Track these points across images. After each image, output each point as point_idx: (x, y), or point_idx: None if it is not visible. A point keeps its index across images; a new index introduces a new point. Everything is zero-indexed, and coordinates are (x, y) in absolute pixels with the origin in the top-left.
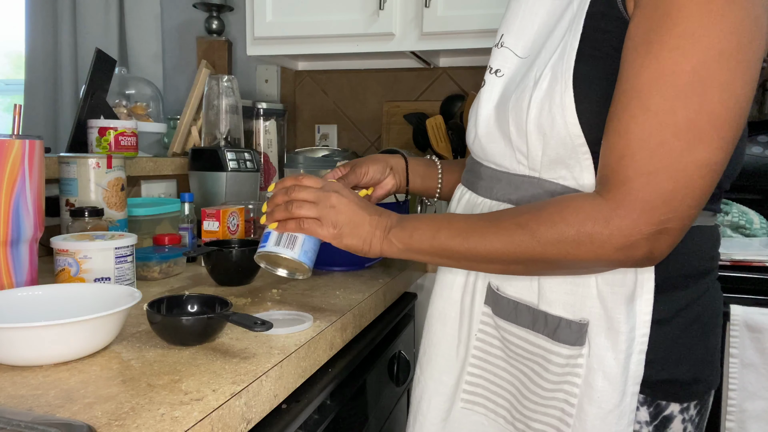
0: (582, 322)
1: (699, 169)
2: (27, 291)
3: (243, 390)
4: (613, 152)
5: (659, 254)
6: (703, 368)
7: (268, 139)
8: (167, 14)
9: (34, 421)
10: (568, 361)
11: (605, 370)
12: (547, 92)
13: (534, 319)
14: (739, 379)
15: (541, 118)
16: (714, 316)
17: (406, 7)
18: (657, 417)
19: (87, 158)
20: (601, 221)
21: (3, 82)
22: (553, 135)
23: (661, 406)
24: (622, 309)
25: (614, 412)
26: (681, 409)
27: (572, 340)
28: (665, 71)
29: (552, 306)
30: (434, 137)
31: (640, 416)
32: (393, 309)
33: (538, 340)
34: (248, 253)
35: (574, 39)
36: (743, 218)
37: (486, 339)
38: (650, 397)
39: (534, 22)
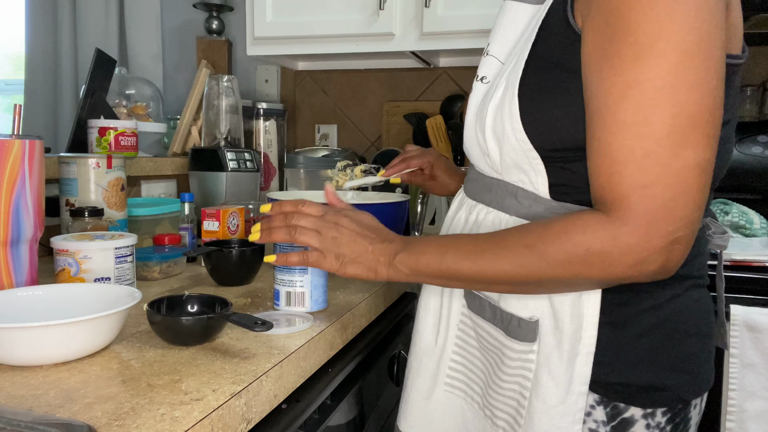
0: (531, 320)
1: (692, 171)
2: (27, 291)
3: (243, 390)
4: (601, 173)
5: (674, 264)
6: (670, 375)
7: (268, 139)
8: (167, 14)
9: (34, 421)
10: (520, 355)
11: (550, 367)
12: (501, 100)
13: (494, 315)
14: (739, 379)
15: (495, 124)
16: (690, 323)
17: (406, 7)
18: (615, 418)
19: (87, 158)
20: (608, 240)
21: (3, 82)
22: (505, 141)
23: (619, 408)
24: (567, 310)
25: (558, 408)
26: (644, 414)
27: (523, 336)
28: (631, 83)
29: (508, 304)
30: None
31: (597, 415)
32: (393, 309)
33: (497, 334)
34: (248, 253)
35: (525, 49)
36: (743, 218)
37: (465, 330)
38: (605, 398)
39: (516, 29)
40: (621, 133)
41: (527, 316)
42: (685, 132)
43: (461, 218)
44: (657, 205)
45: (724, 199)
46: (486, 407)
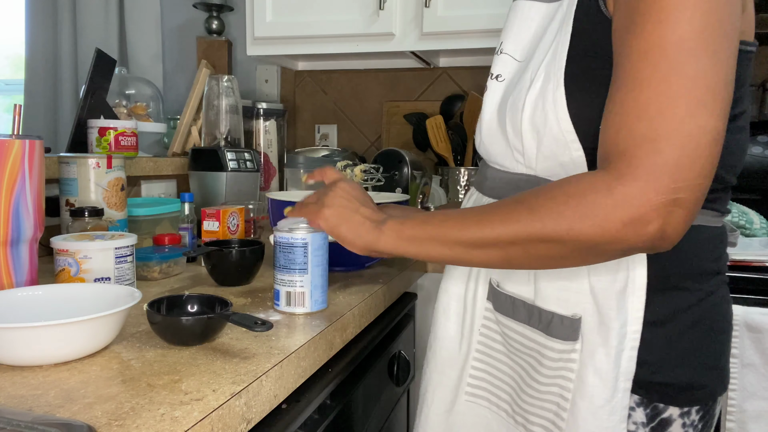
0: (574, 318)
1: (705, 135)
2: (27, 291)
3: (243, 390)
4: (610, 129)
5: (674, 232)
6: (706, 374)
7: (268, 139)
8: (167, 14)
9: (34, 421)
10: (561, 355)
11: (596, 365)
12: (540, 91)
13: (529, 315)
14: (739, 379)
15: (535, 116)
16: (720, 321)
17: (406, 7)
18: (654, 419)
19: (87, 158)
20: (603, 190)
21: (3, 82)
22: (546, 132)
23: (658, 409)
24: (613, 305)
25: (605, 408)
26: (681, 413)
27: (565, 335)
28: (653, 44)
29: (546, 302)
30: (434, 137)
31: (637, 417)
32: (393, 309)
33: (533, 335)
34: (248, 253)
35: (564, 39)
36: (743, 218)
37: (488, 334)
38: (646, 399)
39: (530, 27)
40: (636, 91)
41: (570, 314)
42: (701, 96)
43: None
44: (663, 159)
45: None
46: (517, 414)
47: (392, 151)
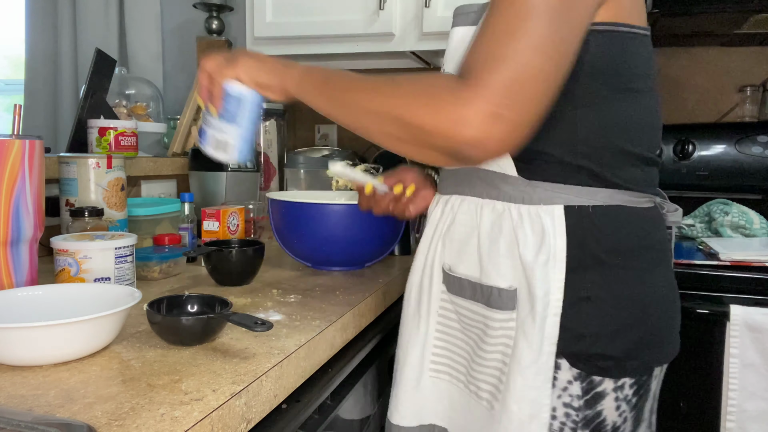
0: (510, 289)
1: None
2: (27, 291)
3: (243, 390)
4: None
5: (488, 141)
6: (642, 347)
7: (268, 139)
8: (167, 14)
9: (34, 421)
10: (502, 324)
11: (525, 330)
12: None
13: (474, 291)
14: (739, 379)
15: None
16: (656, 297)
17: (406, 7)
18: (589, 392)
19: (87, 158)
20: (449, 89)
21: (3, 82)
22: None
23: (594, 382)
24: (538, 275)
25: (531, 368)
26: (614, 387)
27: (503, 305)
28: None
29: (489, 277)
30: None
31: (572, 390)
32: (393, 309)
33: (478, 309)
34: (248, 253)
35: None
36: (743, 218)
37: (445, 314)
38: (584, 372)
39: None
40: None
41: (506, 286)
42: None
43: (437, 213)
44: (497, 78)
45: (724, 199)
46: (471, 383)
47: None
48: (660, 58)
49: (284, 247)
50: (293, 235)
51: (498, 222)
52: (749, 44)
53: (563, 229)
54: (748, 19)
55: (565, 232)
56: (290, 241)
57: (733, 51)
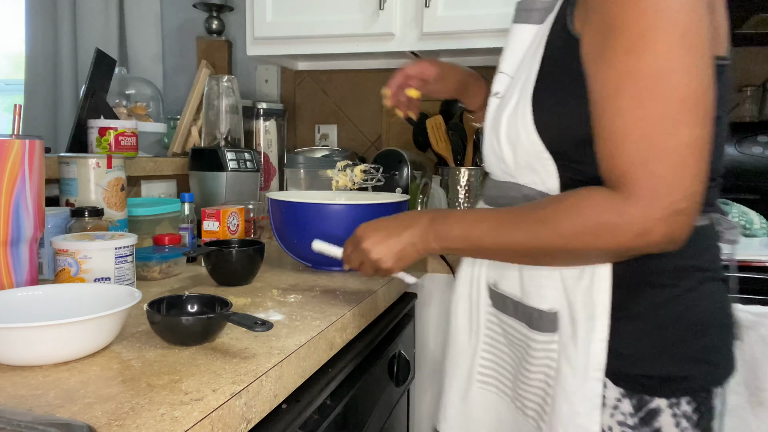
0: (551, 312)
1: (687, 148)
2: (27, 291)
3: (243, 390)
4: (604, 155)
5: (679, 235)
6: (691, 366)
7: (268, 139)
8: (167, 14)
9: (34, 421)
10: (544, 346)
11: (568, 355)
12: (514, 108)
13: (516, 310)
14: None
15: (510, 131)
16: (705, 316)
17: (406, 7)
18: (641, 409)
19: (87, 158)
20: (615, 212)
21: (3, 82)
22: (519, 145)
23: (644, 400)
24: (580, 299)
25: (576, 395)
26: (669, 404)
27: (545, 327)
28: (625, 74)
29: (529, 298)
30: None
31: (623, 408)
32: (393, 309)
33: (521, 328)
34: (248, 253)
35: (535, 60)
36: (743, 218)
37: (492, 327)
38: (629, 391)
39: (521, 48)
40: (619, 118)
41: (547, 308)
42: (677, 113)
43: None
44: (656, 179)
45: (724, 199)
46: (516, 399)
47: (392, 151)
48: None
49: (284, 247)
50: (293, 235)
51: None
52: (749, 44)
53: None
54: (748, 19)
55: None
56: (290, 241)
57: (733, 51)
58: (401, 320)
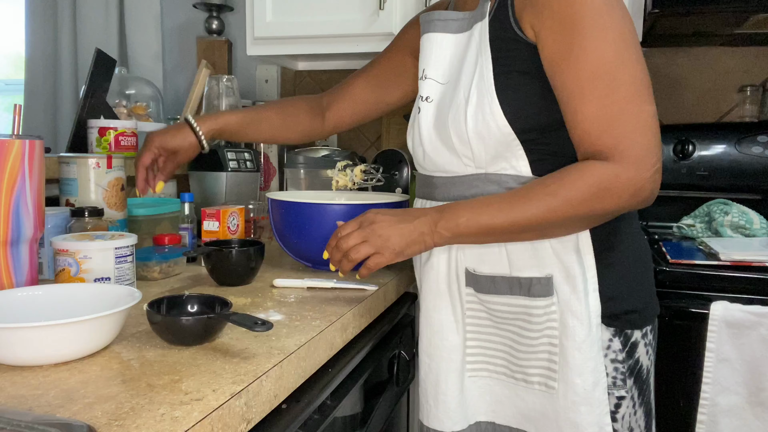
0: (548, 277)
1: (652, 119)
2: (27, 291)
3: (243, 390)
4: (590, 135)
5: (657, 190)
6: (649, 298)
7: None
8: (167, 14)
9: (34, 421)
10: (545, 310)
11: (572, 309)
12: (478, 106)
13: (510, 285)
14: (713, 374)
15: (478, 126)
16: (646, 255)
17: (406, 7)
18: (626, 344)
19: (87, 158)
20: (613, 178)
21: (3, 82)
22: (491, 137)
23: (627, 335)
24: (573, 258)
25: (586, 341)
26: (642, 334)
27: (544, 292)
28: (595, 67)
29: (522, 271)
30: None
31: (615, 346)
32: (393, 309)
33: (518, 301)
34: (248, 253)
35: (487, 61)
36: (743, 218)
37: (475, 314)
38: (618, 329)
39: (446, 55)
40: (600, 104)
41: (544, 275)
42: (639, 94)
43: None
44: (640, 147)
45: (724, 199)
46: (516, 372)
47: (392, 151)
48: (660, 58)
49: (284, 247)
50: (293, 235)
51: None
52: (749, 44)
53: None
54: (748, 19)
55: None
56: (290, 241)
57: (733, 51)
58: (401, 320)
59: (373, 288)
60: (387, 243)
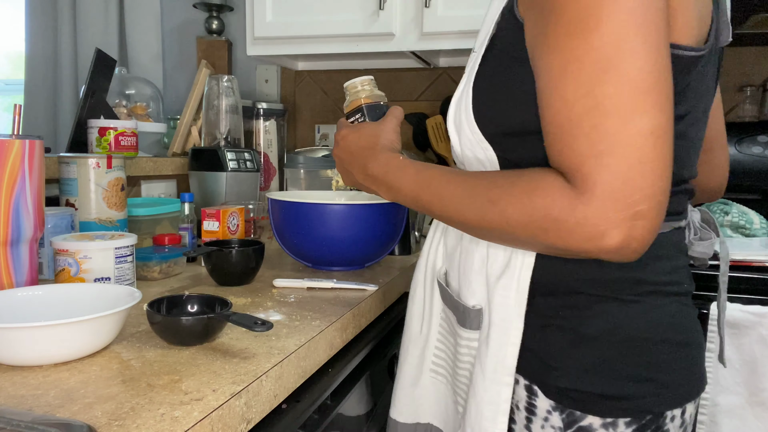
0: (475, 308)
1: (646, 139)
2: (27, 291)
3: (243, 390)
4: (554, 147)
5: (639, 244)
6: (631, 385)
7: (268, 139)
8: (167, 14)
9: (34, 421)
10: (467, 343)
11: (480, 356)
12: (460, 94)
13: (453, 304)
14: (713, 374)
15: (457, 116)
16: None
17: (406, 7)
18: (572, 425)
19: (87, 158)
20: (566, 209)
21: (3, 82)
22: (463, 131)
23: (575, 416)
24: (497, 299)
25: (484, 398)
26: (604, 423)
27: (470, 324)
28: (569, 59)
29: (462, 293)
30: (434, 137)
31: (553, 421)
32: (393, 309)
33: (453, 322)
34: (248, 253)
35: (484, 41)
36: (743, 218)
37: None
38: (560, 404)
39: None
40: (566, 109)
41: (472, 305)
42: (629, 100)
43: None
44: (612, 175)
45: (724, 199)
46: (455, 393)
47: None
48: None
49: (284, 247)
50: (293, 235)
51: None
52: (749, 44)
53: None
54: (748, 19)
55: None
56: (290, 241)
57: (733, 51)
58: (401, 320)
59: (373, 288)
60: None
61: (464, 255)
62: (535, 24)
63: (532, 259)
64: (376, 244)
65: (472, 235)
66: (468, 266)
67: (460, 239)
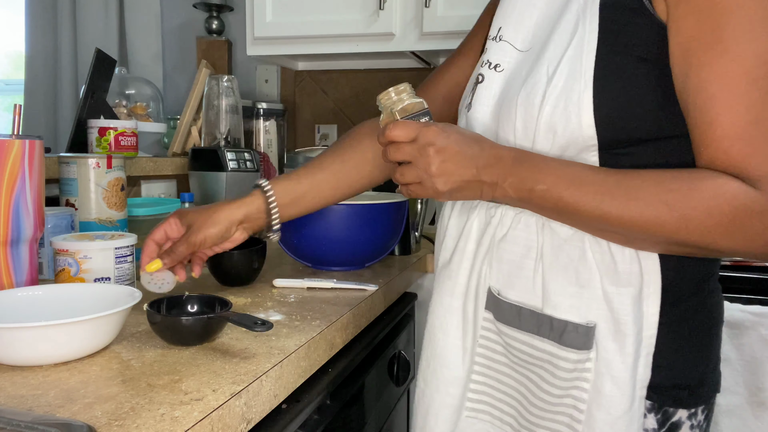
0: (589, 325)
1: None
2: (27, 291)
3: (243, 390)
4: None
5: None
6: (709, 373)
7: (268, 139)
8: (167, 14)
9: (34, 421)
10: (576, 365)
11: (613, 374)
12: (564, 90)
13: (539, 324)
14: None
15: (555, 116)
16: (718, 320)
17: (406, 7)
18: (665, 424)
19: (87, 158)
20: (756, 215)
21: (3, 82)
22: (565, 135)
23: (668, 413)
24: (629, 310)
25: (623, 418)
26: (689, 414)
27: (579, 344)
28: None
29: (557, 309)
30: None
31: (648, 423)
32: (393, 309)
33: (544, 345)
34: (249, 253)
35: (591, 34)
36: None
37: (489, 345)
38: (657, 404)
39: (533, 14)
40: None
41: (584, 321)
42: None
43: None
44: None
45: None
46: (524, 427)
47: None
48: None
49: (284, 247)
50: (293, 235)
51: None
52: None
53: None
54: None
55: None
56: (290, 241)
57: None
58: (401, 320)
59: (373, 288)
60: (433, 179)
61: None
62: (694, 27)
63: (657, 263)
64: (376, 244)
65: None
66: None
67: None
